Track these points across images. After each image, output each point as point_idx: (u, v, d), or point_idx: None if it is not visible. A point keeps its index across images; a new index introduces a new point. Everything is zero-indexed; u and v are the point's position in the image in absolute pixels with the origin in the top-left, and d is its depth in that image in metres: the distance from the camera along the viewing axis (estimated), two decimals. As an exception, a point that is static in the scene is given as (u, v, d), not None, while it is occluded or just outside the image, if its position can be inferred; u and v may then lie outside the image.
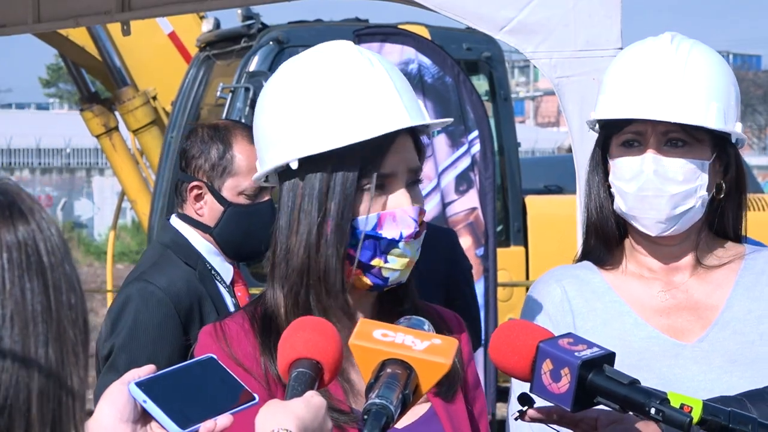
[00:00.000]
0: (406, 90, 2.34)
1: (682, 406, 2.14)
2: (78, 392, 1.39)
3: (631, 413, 2.26)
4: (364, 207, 2.29)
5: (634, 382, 2.15)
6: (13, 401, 1.34)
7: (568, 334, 2.23)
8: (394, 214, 2.29)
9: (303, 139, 2.28)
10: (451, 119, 2.70)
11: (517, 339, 2.20)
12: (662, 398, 2.12)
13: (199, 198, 3.88)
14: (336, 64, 2.31)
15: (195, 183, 3.88)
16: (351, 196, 2.27)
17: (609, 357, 2.19)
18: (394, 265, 2.30)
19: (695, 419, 2.13)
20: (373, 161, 2.28)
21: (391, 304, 2.39)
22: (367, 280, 2.32)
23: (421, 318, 2.12)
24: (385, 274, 2.30)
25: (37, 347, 1.35)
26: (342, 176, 2.27)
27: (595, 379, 2.16)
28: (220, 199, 3.85)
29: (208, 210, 3.87)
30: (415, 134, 2.36)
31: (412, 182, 2.33)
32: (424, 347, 1.96)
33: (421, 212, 2.33)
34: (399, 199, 2.30)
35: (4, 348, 1.34)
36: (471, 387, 2.47)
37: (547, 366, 2.17)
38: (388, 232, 2.29)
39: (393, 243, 2.29)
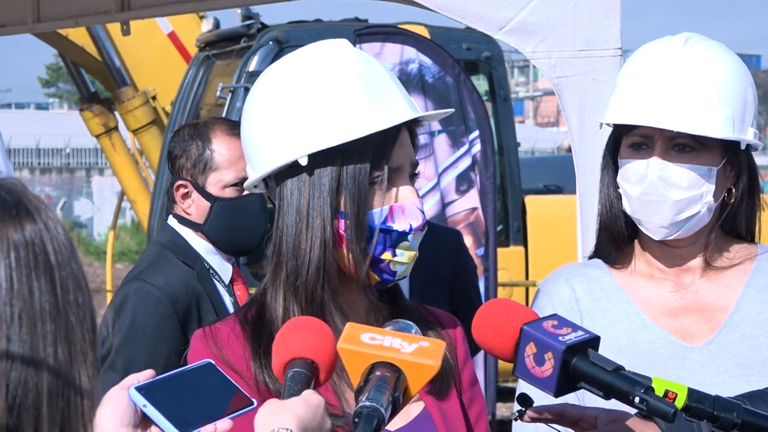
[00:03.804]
0: (402, 86, 2.36)
1: (666, 392, 2.11)
2: (87, 391, 1.39)
3: (631, 412, 2.26)
4: (377, 200, 2.29)
5: (618, 369, 2.11)
6: (22, 401, 1.34)
7: (553, 316, 2.18)
8: (403, 207, 2.30)
9: (311, 134, 2.28)
10: (452, 110, 2.69)
11: (501, 319, 2.16)
12: (647, 386, 2.08)
13: (186, 197, 3.90)
14: (336, 60, 2.32)
15: (180, 182, 3.91)
16: (365, 190, 2.28)
17: (594, 341, 2.15)
18: (402, 259, 2.30)
19: (680, 406, 2.11)
20: (382, 154, 2.29)
21: (383, 303, 2.39)
22: (376, 276, 2.32)
23: (409, 322, 2.12)
24: (393, 268, 2.31)
25: (45, 346, 1.36)
26: (354, 170, 2.27)
27: (579, 365, 2.11)
28: (206, 194, 3.87)
29: (196, 208, 3.89)
30: (411, 130, 2.37)
31: (412, 176, 2.35)
32: (412, 350, 1.96)
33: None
34: (407, 192, 2.31)
35: (13, 347, 1.34)
36: (467, 387, 2.45)
37: (530, 349, 2.12)
38: (399, 225, 2.29)
39: (403, 235, 2.29)
